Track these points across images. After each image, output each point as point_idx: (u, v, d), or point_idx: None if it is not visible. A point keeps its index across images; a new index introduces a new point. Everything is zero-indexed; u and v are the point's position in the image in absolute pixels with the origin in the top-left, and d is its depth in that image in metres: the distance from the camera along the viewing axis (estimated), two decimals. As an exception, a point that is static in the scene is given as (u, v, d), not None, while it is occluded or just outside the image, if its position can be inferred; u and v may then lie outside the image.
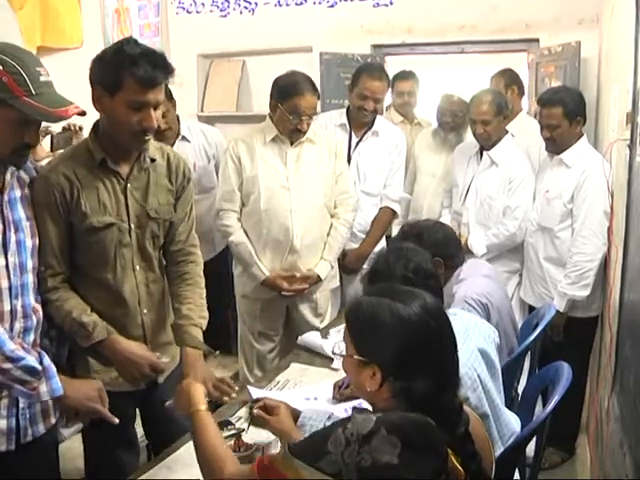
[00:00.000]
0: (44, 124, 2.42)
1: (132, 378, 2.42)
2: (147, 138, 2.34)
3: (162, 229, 2.54)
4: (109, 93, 2.23)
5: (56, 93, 2.01)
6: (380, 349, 1.61)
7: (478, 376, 2.29)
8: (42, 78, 1.97)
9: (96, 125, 2.38)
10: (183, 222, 2.61)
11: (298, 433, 2.21)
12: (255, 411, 2.33)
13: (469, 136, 4.53)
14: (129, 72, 2.18)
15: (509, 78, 4.71)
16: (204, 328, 2.56)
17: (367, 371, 1.62)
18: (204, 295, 2.63)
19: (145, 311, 2.55)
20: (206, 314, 2.60)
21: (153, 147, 2.49)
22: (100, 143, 2.36)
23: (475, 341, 2.40)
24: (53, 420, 2.33)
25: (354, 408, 1.72)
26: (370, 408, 1.70)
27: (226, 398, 2.43)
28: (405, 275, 2.39)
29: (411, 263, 2.42)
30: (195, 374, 2.37)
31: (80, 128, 4.45)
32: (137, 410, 2.76)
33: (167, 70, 2.26)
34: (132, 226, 2.44)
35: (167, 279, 2.64)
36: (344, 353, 1.72)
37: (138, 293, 2.52)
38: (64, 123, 4.41)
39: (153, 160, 2.47)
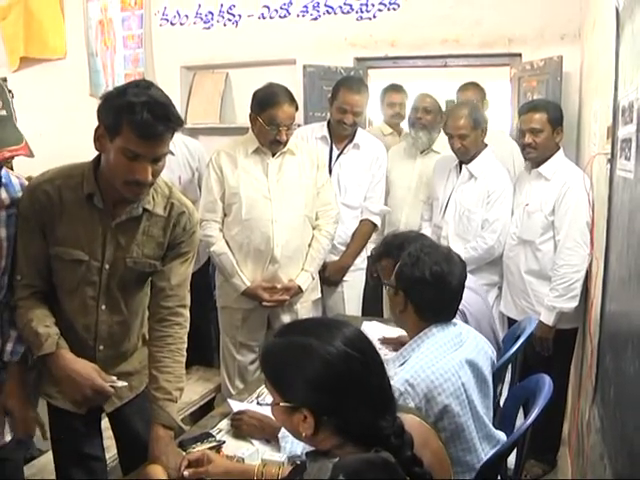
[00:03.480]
0: None
1: (72, 399, 2.32)
2: (141, 189, 2.19)
3: (136, 279, 2.43)
4: (109, 136, 2.11)
5: (3, 129, 1.94)
6: (303, 391, 1.53)
7: (462, 384, 2.29)
8: None
9: (100, 155, 2.26)
10: (173, 277, 2.42)
11: (238, 466, 2.20)
12: (185, 474, 2.14)
13: (440, 144, 4.57)
14: (127, 119, 2.05)
15: (483, 92, 4.79)
16: (179, 400, 2.40)
17: (297, 416, 1.55)
18: (184, 364, 2.44)
19: (101, 347, 2.44)
20: (183, 385, 2.42)
21: (160, 196, 2.36)
22: (96, 176, 2.26)
23: (466, 352, 2.40)
24: (7, 438, 2.27)
25: (307, 453, 1.64)
26: None
27: None
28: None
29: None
30: (163, 456, 2.22)
31: None
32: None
33: (170, 122, 2.09)
34: (105, 267, 2.33)
35: (148, 334, 2.50)
36: (268, 402, 1.64)
37: (96, 331, 2.42)
38: (43, 146, 4.36)
39: (146, 210, 2.32)
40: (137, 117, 2.03)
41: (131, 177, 2.13)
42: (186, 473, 2.11)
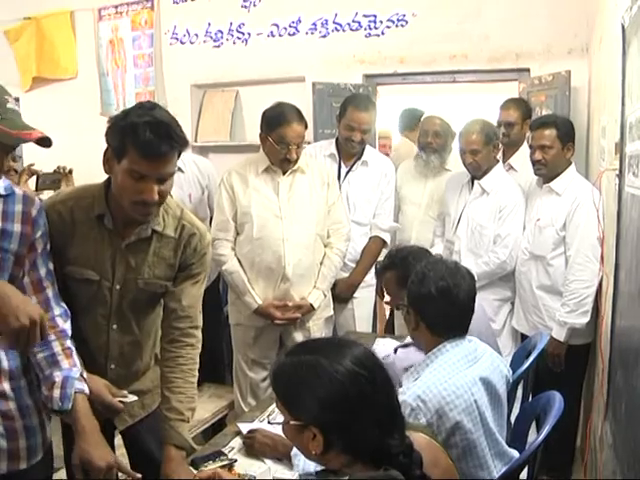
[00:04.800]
0: (29, 161, 2.32)
1: None
2: (148, 209, 2.21)
3: (148, 300, 2.45)
4: (116, 158, 2.15)
5: (21, 120, 1.94)
6: (311, 409, 1.55)
7: (475, 401, 2.29)
8: (9, 105, 1.90)
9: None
10: (184, 298, 2.44)
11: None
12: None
13: (452, 162, 4.56)
14: (131, 140, 2.08)
15: (526, 110, 4.52)
16: (191, 420, 2.44)
17: (307, 434, 1.56)
18: (196, 384, 2.47)
19: (112, 366, 2.46)
20: (195, 405, 2.45)
21: (171, 217, 2.39)
22: (107, 198, 2.29)
23: (481, 370, 2.40)
24: (23, 465, 2.14)
25: (317, 472, 1.65)
26: None
27: None
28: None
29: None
30: (175, 475, 2.24)
31: (70, 171, 4.44)
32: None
33: (174, 141, 2.11)
34: (116, 287, 2.36)
35: (160, 354, 2.52)
36: (279, 421, 1.66)
37: (108, 350, 2.44)
38: (51, 163, 4.39)
39: (156, 231, 2.35)
40: (140, 137, 2.06)
41: (138, 197, 2.15)
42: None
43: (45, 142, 1.95)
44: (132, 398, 2.38)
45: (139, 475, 2.13)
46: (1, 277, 2.01)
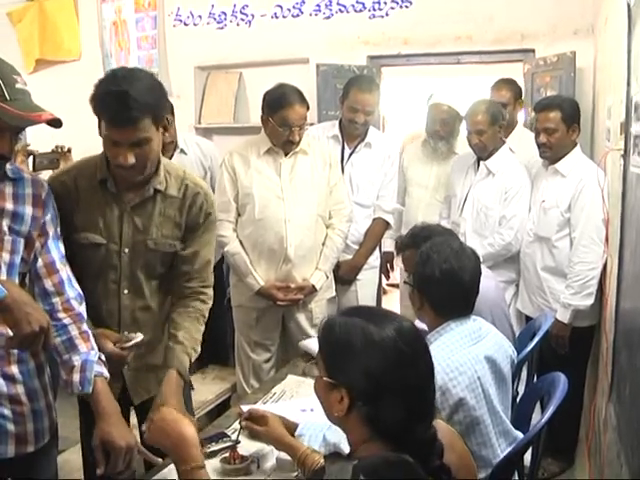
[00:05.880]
0: (26, 141, 2.33)
1: None
2: (129, 173, 2.30)
3: (160, 261, 2.50)
4: (99, 125, 2.27)
5: (31, 101, 1.95)
6: (349, 372, 1.54)
7: (478, 378, 2.31)
8: (18, 86, 1.91)
9: None
10: (195, 259, 2.53)
11: (291, 440, 2.21)
12: (243, 424, 2.34)
13: (460, 146, 4.54)
14: (98, 110, 2.23)
15: (518, 91, 4.62)
16: (192, 360, 2.48)
17: (335, 394, 1.55)
18: (202, 332, 2.54)
19: (125, 333, 2.46)
20: (198, 349, 2.51)
21: (174, 178, 2.47)
22: (108, 164, 2.37)
23: (485, 348, 2.42)
24: (30, 448, 2.15)
25: (326, 457, 1.65)
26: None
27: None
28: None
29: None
30: (174, 398, 2.30)
31: (69, 150, 4.42)
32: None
33: (134, 110, 2.17)
34: (125, 250, 2.43)
35: (171, 310, 2.57)
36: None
37: (119, 316, 2.49)
38: (52, 145, 4.37)
39: (159, 191, 2.43)
40: (104, 108, 2.21)
41: (115, 161, 2.27)
42: (243, 424, 2.31)
43: (55, 123, 1.96)
44: (138, 337, 2.40)
45: (160, 459, 2.17)
46: (13, 259, 2.05)
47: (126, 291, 2.47)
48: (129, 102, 2.15)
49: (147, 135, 2.25)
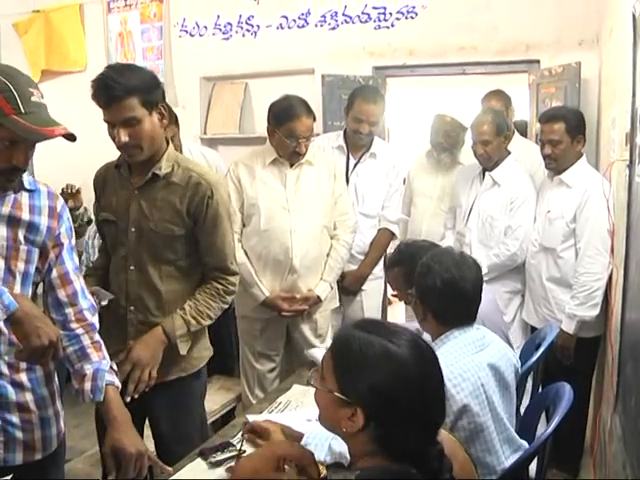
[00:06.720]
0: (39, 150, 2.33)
1: None
2: (129, 151, 2.52)
3: (162, 243, 2.64)
4: None
5: (47, 114, 1.96)
6: (365, 391, 1.47)
7: (482, 385, 2.31)
8: (33, 99, 1.92)
9: None
10: (211, 251, 2.70)
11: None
12: (245, 436, 2.35)
13: (463, 157, 4.55)
14: (92, 97, 2.47)
15: (507, 99, 4.72)
16: (191, 328, 2.64)
17: (346, 411, 1.49)
18: (213, 309, 2.70)
19: (132, 308, 2.69)
20: (203, 322, 2.68)
21: (182, 169, 2.64)
22: None
23: (489, 356, 2.43)
24: (38, 456, 2.16)
25: (328, 467, 1.62)
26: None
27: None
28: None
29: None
30: (145, 349, 2.56)
31: (78, 190, 4.45)
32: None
33: (114, 90, 2.39)
34: (132, 229, 2.65)
35: None
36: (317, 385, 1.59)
37: (126, 291, 2.70)
38: (64, 156, 4.39)
39: (159, 176, 2.60)
40: (94, 92, 2.45)
41: (115, 143, 2.51)
42: (246, 436, 2.35)
43: (69, 137, 1.97)
44: (109, 296, 2.64)
45: (170, 468, 2.20)
46: (27, 269, 2.08)
47: (132, 267, 2.68)
48: (112, 83, 2.40)
49: (134, 114, 2.45)
